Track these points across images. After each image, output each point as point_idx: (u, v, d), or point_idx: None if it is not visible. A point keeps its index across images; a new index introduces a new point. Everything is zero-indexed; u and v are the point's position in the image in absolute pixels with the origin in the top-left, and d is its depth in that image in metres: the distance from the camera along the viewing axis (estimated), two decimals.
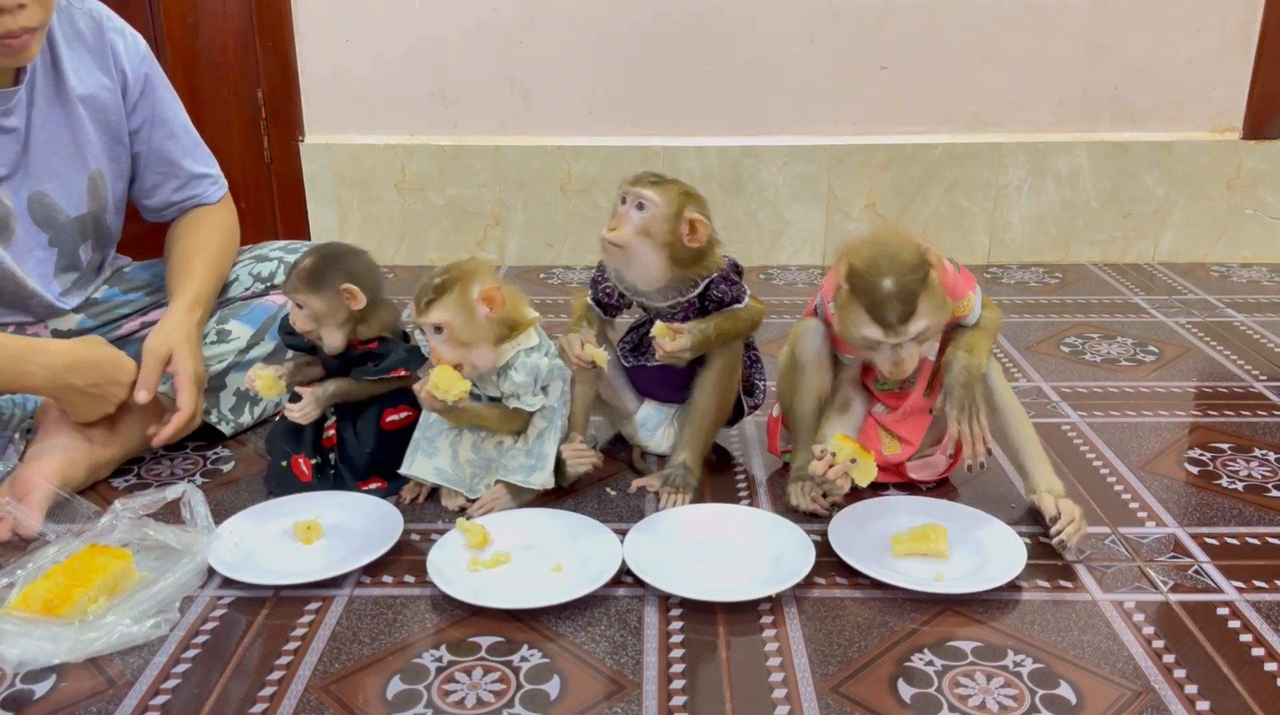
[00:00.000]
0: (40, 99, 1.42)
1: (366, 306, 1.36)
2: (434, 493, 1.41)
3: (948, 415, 1.29)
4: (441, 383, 1.26)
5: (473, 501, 1.37)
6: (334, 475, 1.41)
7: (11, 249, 1.43)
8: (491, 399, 1.36)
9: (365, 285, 1.35)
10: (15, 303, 1.47)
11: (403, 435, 1.40)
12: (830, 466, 1.26)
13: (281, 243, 1.74)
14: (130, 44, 1.52)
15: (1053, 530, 1.26)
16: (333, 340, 1.37)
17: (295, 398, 1.37)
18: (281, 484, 1.40)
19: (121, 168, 1.55)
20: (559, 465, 1.37)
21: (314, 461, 1.40)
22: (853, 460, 1.26)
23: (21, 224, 1.43)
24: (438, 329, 1.28)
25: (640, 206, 1.31)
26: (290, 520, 1.30)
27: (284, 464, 1.40)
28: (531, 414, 1.36)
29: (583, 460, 1.37)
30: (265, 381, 1.37)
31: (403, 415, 1.42)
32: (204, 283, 1.54)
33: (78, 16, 1.47)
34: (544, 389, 1.35)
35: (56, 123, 1.44)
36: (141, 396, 1.39)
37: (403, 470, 1.38)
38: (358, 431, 1.40)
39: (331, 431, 1.41)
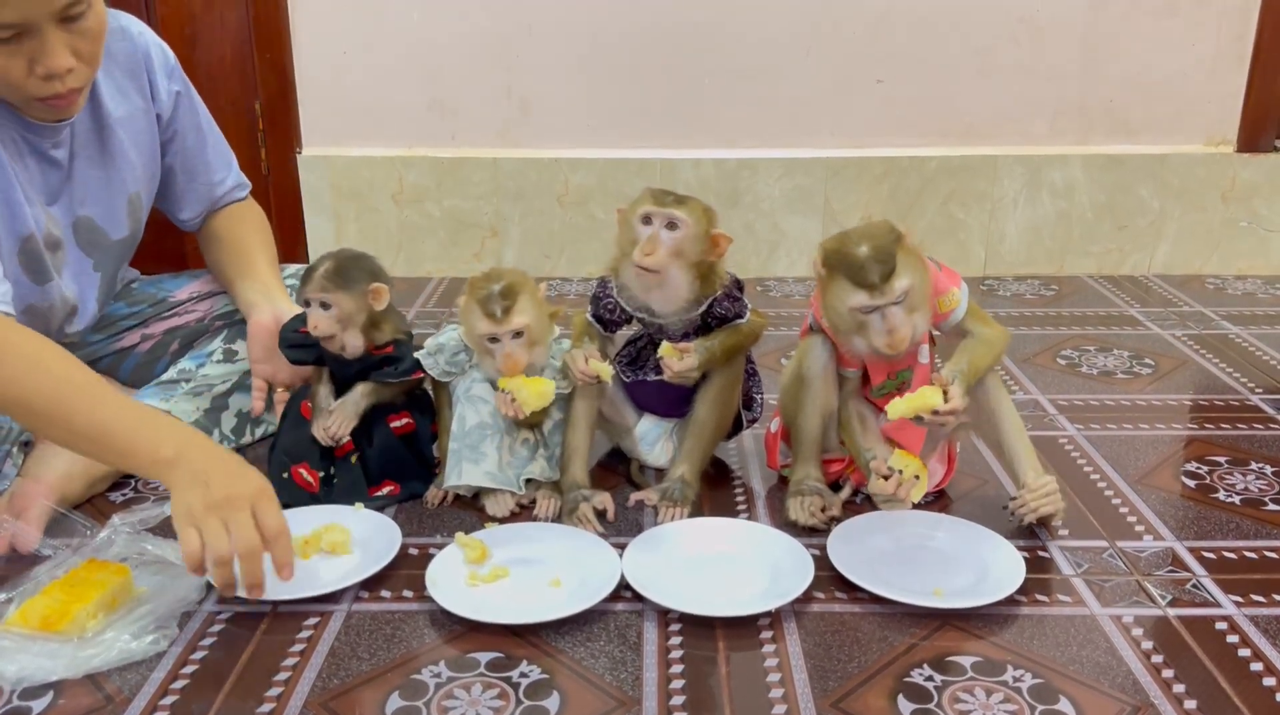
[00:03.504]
0: (80, 127, 1.42)
1: (382, 308, 1.38)
2: (457, 498, 1.42)
3: (943, 368, 1.28)
4: (533, 399, 1.31)
5: (519, 501, 1.40)
6: (348, 484, 1.39)
7: (63, 277, 1.44)
8: None
9: (385, 282, 1.38)
10: (46, 328, 1.46)
11: (407, 440, 1.43)
12: (900, 485, 1.26)
13: (293, 268, 1.73)
14: (160, 59, 1.52)
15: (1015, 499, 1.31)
16: (355, 343, 1.38)
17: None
18: (282, 494, 1.38)
19: (154, 185, 1.56)
20: (564, 504, 1.38)
21: (320, 474, 1.39)
22: (916, 477, 1.27)
23: (69, 250, 1.44)
24: (517, 334, 1.32)
25: (672, 226, 1.30)
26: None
27: (284, 475, 1.39)
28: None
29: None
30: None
31: (405, 421, 1.44)
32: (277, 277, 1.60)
33: (112, 38, 1.46)
34: None
35: (96, 149, 1.44)
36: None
37: (449, 483, 1.38)
38: (373, 437, 1.41)
39: (346, 439, 1.40)
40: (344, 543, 1.27)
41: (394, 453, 1.42)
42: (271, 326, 1.47)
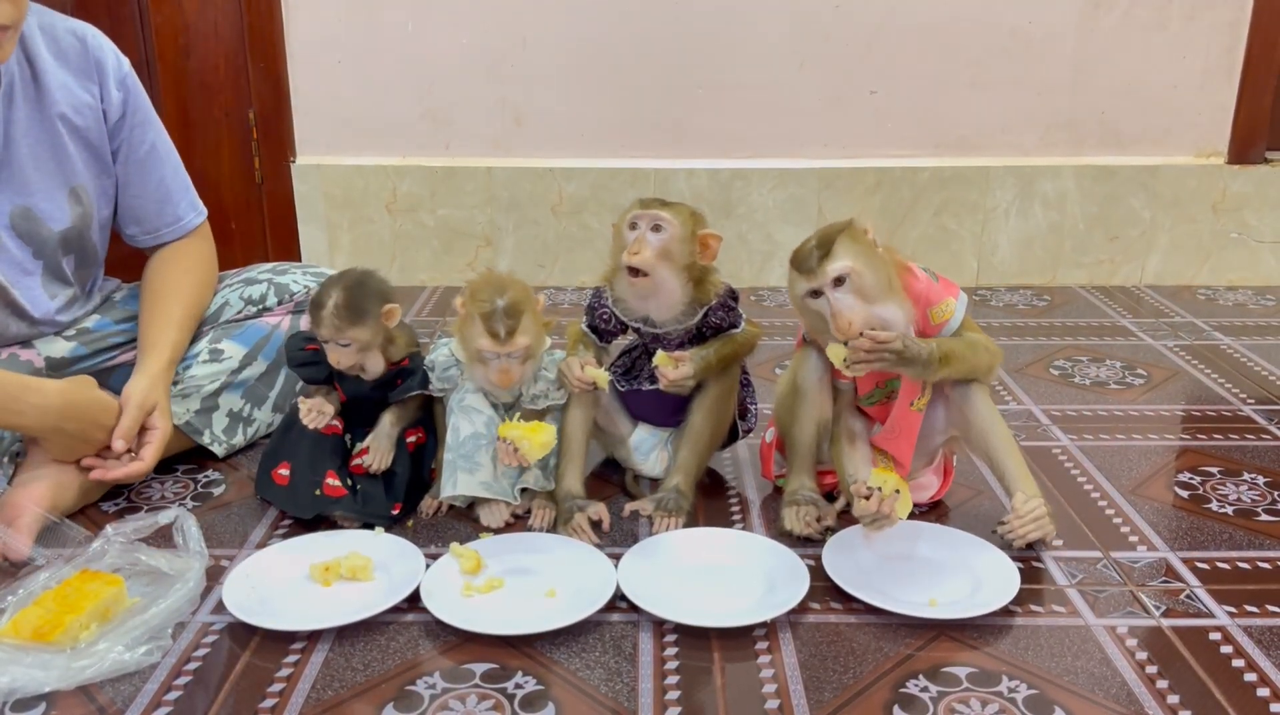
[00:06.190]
0: (20, 114, 1.41)
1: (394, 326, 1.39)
2: (452, 508, 1.42)
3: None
4: (536, 450, 1.28)
5: (514, 511, 1.40)
6: (373, 503, 1.38)
7: None
8: (507, 408, 1.40)
9: (394, 301, 1.38)
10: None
11: (416, 457, 1.43)
12: (881, 502, 1.24)
13: (269, 265, 1.72)
14: (114, 64, 1.50)
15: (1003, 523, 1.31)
16: (376, 364, 1.38)
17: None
18: (318, 507, 1.37)
19: (106, 188, 1.53)
20: (559, 514, 1.39)
21: (346, 485, 1.38)
22: (896, 491, 1.26)
23: (6, 237, 1.42)
24: (515, 353, 1.31)
25: (657, 228, 1.31)
26: (308, 561, 1.25)
27: (318, 492, 1.36)
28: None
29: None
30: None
31: (417, 436, 1.44)
32: (181, 335, 1.53)
33: (61, 34, 1.46)
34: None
35: (36, 138, 1.43)
36: (119, 446, 1.38)
37: (445, 493, 1.37)
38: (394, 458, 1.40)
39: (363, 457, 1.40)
40: (365, 568, 1.24)
41: (410, 474, 1.42)
42: (142, 403, 1.42)
